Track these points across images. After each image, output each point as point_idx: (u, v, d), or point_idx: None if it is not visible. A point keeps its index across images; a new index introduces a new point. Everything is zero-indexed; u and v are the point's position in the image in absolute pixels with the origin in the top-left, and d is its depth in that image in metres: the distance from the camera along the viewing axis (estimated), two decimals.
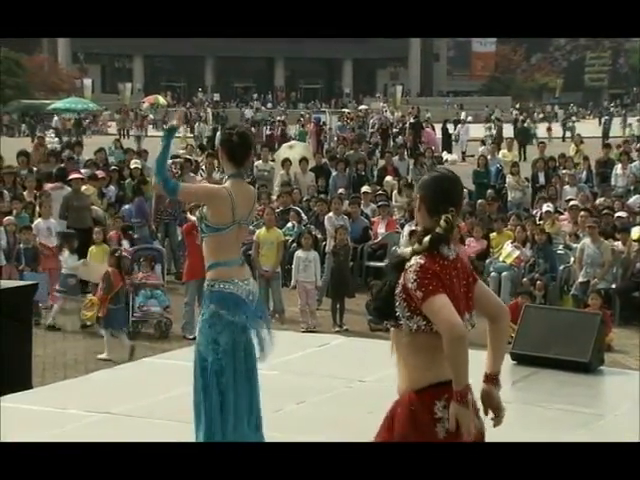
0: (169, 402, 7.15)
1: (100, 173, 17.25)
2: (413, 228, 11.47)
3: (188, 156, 18.91)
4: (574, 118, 45.42)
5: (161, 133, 16.37)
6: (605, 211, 14.92)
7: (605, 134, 29.66)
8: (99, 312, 11.68)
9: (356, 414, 6.54)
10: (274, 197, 16.07)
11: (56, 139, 31.70)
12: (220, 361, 5.39)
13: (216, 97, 57.04)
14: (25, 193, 15.64)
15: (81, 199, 14.78)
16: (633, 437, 5.80)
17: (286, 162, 18.66)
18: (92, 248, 13.12)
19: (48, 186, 15.74)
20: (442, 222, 3.44)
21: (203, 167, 17.80)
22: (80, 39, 53.49)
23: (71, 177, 15.66)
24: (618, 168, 19.75)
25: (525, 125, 34.62)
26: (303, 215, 14.98)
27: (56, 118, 40.35)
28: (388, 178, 18.77)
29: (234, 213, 5.38)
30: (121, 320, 11.70)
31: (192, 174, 16.23)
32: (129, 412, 7.10)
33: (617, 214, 14.86)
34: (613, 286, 12.72)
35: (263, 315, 5.82)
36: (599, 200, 16.64)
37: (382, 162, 23.22)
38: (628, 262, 12.99)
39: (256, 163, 18.90)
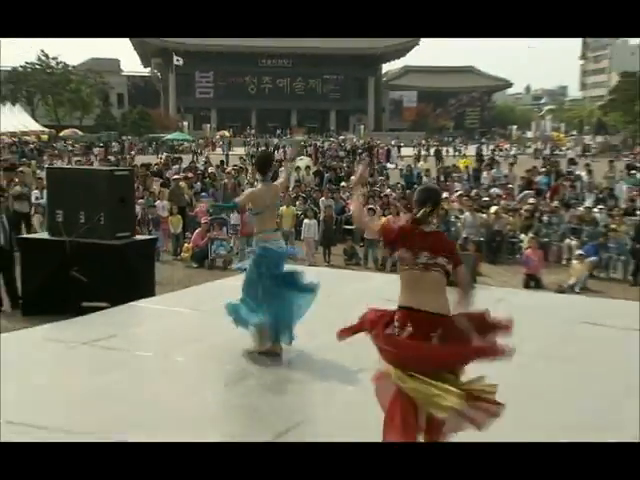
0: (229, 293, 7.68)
1: (190, 175, 21.81)
2: (371, 206, 15.61)
3: (242, 166, 25.01)
4: (461, 145, 57.78)
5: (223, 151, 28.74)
6: (476, 197, 18.97)
7: (478, 154, 37.59)
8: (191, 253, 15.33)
9: (332, 310, 7.33)
10: (290, 189, 19.68)
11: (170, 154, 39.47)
12: (260, 268, 6.97)
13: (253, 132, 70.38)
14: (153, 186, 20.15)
15: (179, 189, 18.10)
16: None
17: (298, 168, 23.90)
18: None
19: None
20: (420, 212, 4.39)
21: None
22: (181, 101, 77.61)
23: (173, 177, 20.13)
24: (485, 173, 26.10)
25: (438, 149, 44.69)
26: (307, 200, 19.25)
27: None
28: (353, 177, 24.65)
29: (263, 202, 7.07)
30: (201, 258, 15.02)
31: (246, 181, 21.43)
32: (214, 309, 7.92)
33: (484, 198, 19.15)
34: (482, 239, 16.08)
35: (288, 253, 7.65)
36: (474, 191, 20.77)
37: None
38: (489, 225, 16.46)
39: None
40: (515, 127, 79.30)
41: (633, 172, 26.33)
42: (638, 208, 18.94)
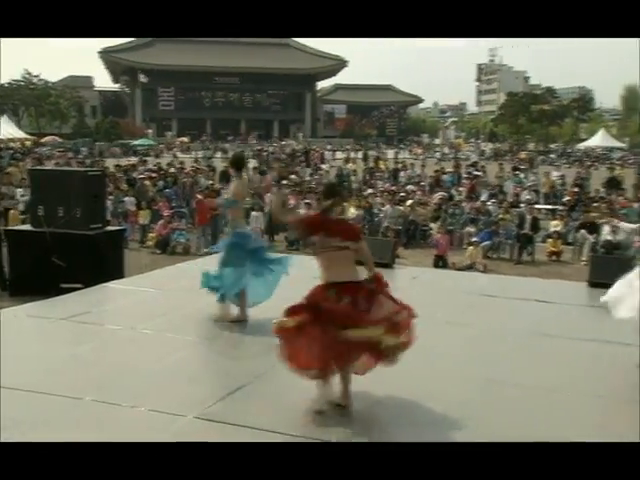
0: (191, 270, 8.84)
1: (154, 175, 21.48)
2: (307, 201, 15.68)
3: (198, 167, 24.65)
4: (384, 149, 57.02)
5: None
6: (395, 192, 19.16)
7: (396, 157, 38.23)
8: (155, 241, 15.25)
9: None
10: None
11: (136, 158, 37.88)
12: (235, 249, 6.79)
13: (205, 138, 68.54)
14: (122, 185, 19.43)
15: (144, 187, 18.57)
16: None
17: (254, 168, 24.44)
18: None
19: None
20: (327, 204, 4.56)
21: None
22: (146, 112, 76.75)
23: (139, 177, 20.11)
24: (402, 173, 26.31)
25: (367, 152, 43.61)
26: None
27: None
28: (292, 176, 24.05)
29: (241, 195, 7.05)
30: (164, 245, 14.92)
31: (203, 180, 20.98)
32: (175, 288, 8.50)
33: (401, 193, 19.08)
34: (400, 227, 16.21)
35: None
36: (393, 187, 21.32)
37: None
38: (406, 216, 16.56)
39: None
40: (426, 135, 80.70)
41: (517, 173, 27.04)
42: (521, 201, 19.56)
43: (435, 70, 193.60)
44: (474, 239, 14.92)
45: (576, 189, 21.60)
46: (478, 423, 4.59)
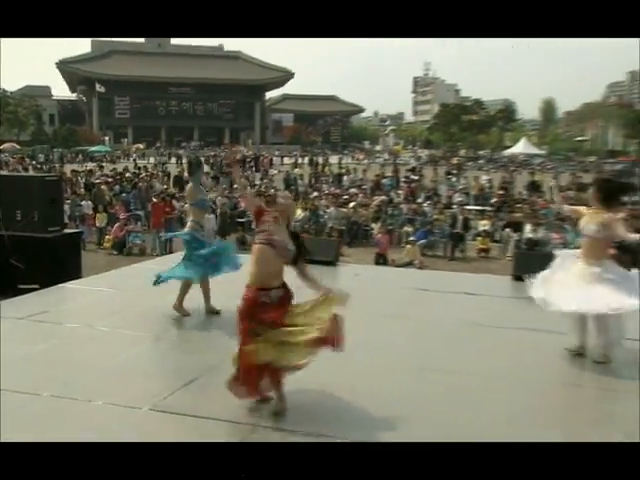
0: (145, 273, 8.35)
1: (110, 179, 21.26)
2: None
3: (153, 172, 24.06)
4: (329, 155, 55.77)
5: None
6: (338, 195, 19.44)
7: (340, 162, 38.44)
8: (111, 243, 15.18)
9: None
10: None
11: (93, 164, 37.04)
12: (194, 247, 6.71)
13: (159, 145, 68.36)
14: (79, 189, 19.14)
15: (100, 191, 18.22)
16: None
17: (207, 173, 23.12)
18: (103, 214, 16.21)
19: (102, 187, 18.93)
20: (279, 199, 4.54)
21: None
22: (103, 120, 74.59)
23: (96, 181, 19.59)
24: (345, 177, 26.49)
25: (313, 158, 43.59)
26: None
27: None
28: (243, 180, 24.58)
29: (195, 197, 6.91)
30: (120, 247, 14.87)
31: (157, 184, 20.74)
32: (130, 287, 8.24)
33: (344, 196, 19.36)
34: (343, 227, 16.47)
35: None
36: (337, 191, 21.48)
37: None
38: (349, 217, 16.79)
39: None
40: (367, 142, 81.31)
41: (449, 177, 27.47)
42: (453, 203, 19.82)
43: (376, 82, 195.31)
44: (411, 238, 15.11)
45: (502, 192, 22.01)
46: (417, 408, 4.62)
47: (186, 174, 7.40)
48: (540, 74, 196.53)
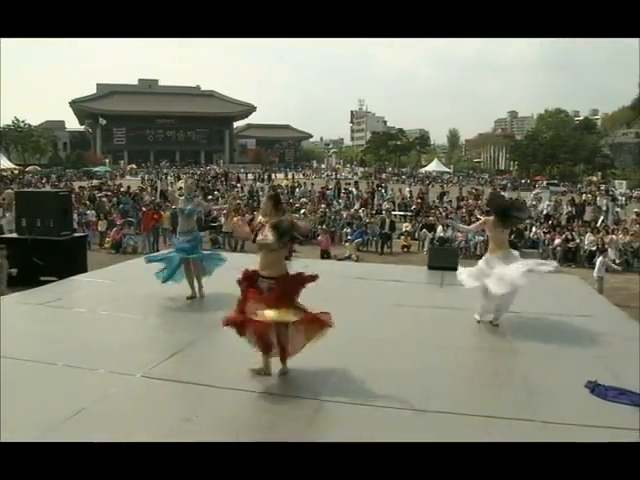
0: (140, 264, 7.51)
1: (109, 193, 20.66)
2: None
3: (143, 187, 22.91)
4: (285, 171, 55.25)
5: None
6: (292, 204, 19.11)
7: (292, 179, 36.54)
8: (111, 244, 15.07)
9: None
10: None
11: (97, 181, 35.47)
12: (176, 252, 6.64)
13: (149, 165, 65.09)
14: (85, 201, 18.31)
15: (102, 203, 17.61)
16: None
17: (180, 188, 22.92)
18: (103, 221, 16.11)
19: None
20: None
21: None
22: (104, 146, 70.87)
23: (98, 195, 19.11)
24: (297, 189, 26.14)
25: (271, 174, 43.67)
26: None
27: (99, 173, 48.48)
28: (216, 192, 23.64)
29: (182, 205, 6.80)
30: (118, 247, 14.77)
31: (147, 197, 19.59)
32: (126, 279, 7.99)
33: (296, 205, 19.18)
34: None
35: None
36: (291, 200, 21.27)
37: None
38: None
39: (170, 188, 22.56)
40: (315, 162, 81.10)
41: (380, 189, 27.72)
42: (382, 209, 20.03)
43: (321, 114, 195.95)
44: (350, 237, 15.26)
45: (419, 200, 22.41)
46: (353, 371, 4.65)
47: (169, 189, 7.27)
48: (447, 110, 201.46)
